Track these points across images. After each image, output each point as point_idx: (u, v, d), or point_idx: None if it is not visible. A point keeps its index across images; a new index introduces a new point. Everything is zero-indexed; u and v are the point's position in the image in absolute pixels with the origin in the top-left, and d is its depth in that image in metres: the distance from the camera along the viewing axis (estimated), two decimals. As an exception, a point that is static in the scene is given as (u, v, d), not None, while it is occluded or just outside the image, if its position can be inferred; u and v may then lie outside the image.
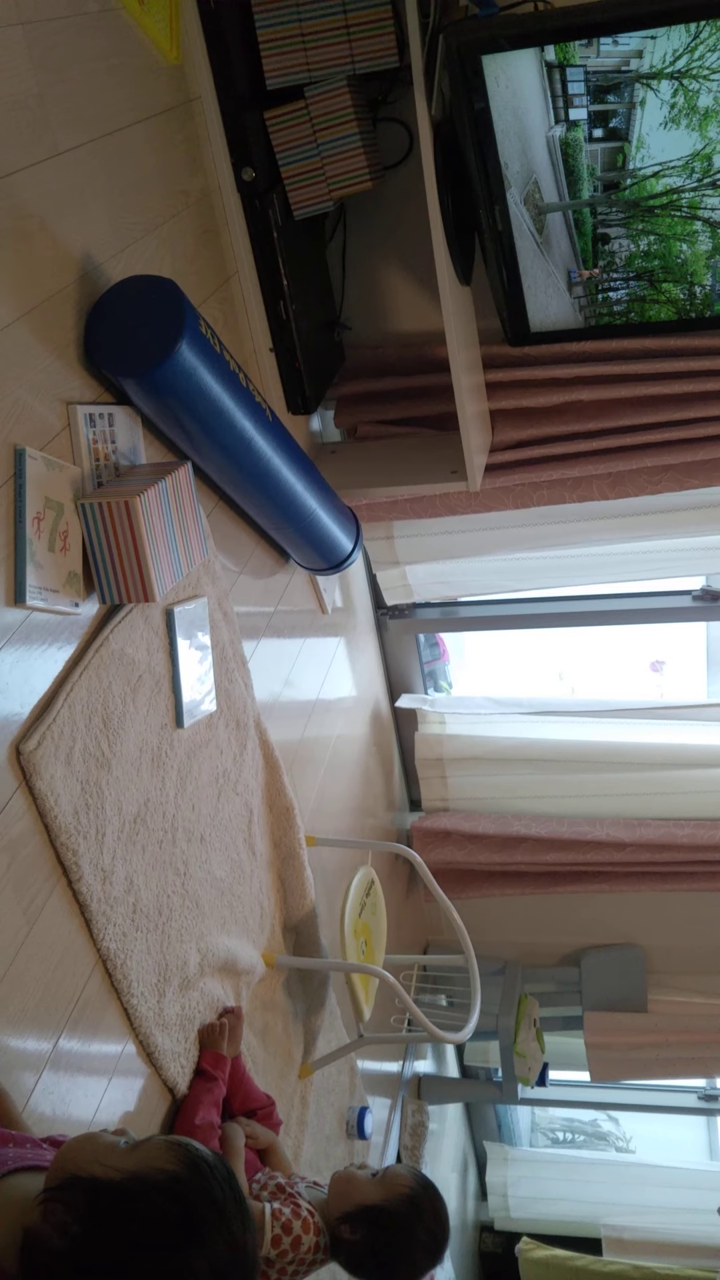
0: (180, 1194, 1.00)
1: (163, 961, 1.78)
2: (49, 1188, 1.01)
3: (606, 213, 2.14)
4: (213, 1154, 1.07)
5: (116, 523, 1.60)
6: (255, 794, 2.24)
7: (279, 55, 2.12)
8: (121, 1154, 1.03)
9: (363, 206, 2.50)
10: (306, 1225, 1.67)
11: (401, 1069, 3.50)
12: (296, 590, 2.64)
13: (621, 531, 2.88)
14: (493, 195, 2.10)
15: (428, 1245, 1.66)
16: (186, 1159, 1.03)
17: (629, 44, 1.88)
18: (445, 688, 3.67)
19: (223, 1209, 1.02)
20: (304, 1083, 2.41)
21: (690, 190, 2.07)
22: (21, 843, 1.47)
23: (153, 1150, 1.04)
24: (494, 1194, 4.33)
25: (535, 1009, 3.55)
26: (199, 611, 1.96)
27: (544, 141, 2.03)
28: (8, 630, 1.47)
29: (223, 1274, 0.99)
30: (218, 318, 2.19)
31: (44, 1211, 0.98)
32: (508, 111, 1.98)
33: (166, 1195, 1.00)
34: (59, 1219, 0.97)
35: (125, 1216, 0.98)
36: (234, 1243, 1.01)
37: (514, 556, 3.02)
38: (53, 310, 1.61)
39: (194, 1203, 1.00)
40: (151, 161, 1.93)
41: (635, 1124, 4.63)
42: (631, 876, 3.37)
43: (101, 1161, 1.01)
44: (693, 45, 1.86)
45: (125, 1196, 0.99)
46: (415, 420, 2.69)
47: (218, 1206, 1.02)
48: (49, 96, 1.60)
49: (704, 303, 2.25)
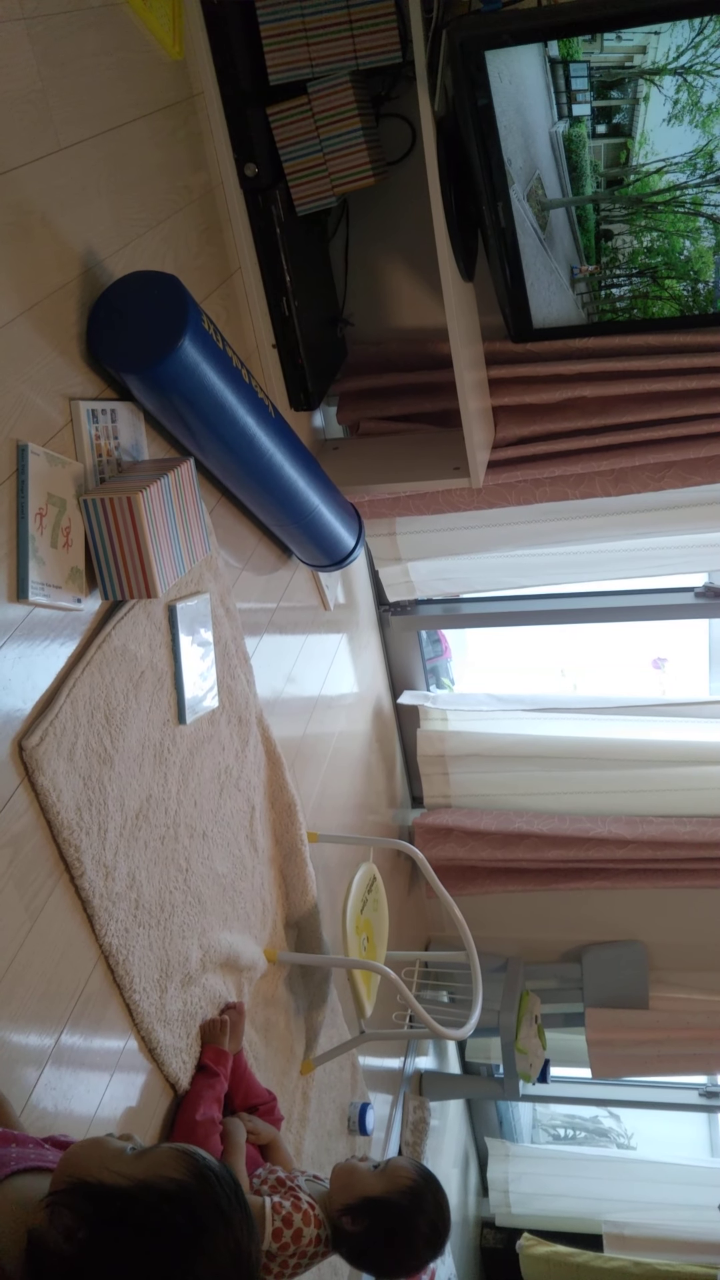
0: (188, 1203, 1.00)
1: (165, 957, 1.78)
2: (55, 1191, 1.01)
3: (609, 209, 2.13)
4: (219, 1164, 1.07)
5: (119, 519, 1.60)
6: (257, 790, 2.24)
7: (282, 50, 2.12)
8: (129, 1160, 1.03)
9: (365, 202, 2.49)
10: (307, 1218, 1.68)
11: (403, 1065, 3.51)
12: (299, 586, 2.64)
13: (624, 528, 2.87)
14: (496, 191, 2.10)
15: (429, 1237, 1.67)
16: (194, 1168, 1.03)
17: (632, 39, 1.88)
18: (447, 684, 3.67)
19: (229, 1218, 1.02)
20: (305, 1079, 2.41)
21: (693, 186, 2.06)
22: (24, 839, 1.47)
23: (160, 1158, 1.04)
24: (495, 1190, 4.34)
25: (537, 1005, 3.55)
26: (201, 607, 1.96)
27: (547, 137, 2.03)
28: (10, 626, 1.47)
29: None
30: (220, 313, 2.19)
31: (50, 1216, 0.98)
32: (511, 107, 1.98)
33: (174, 1204, 1.00)
34: (65, 1224, 0.97)
35: (132, 1224, 0.98)
36: (238, 1251, 1.02)
37: (516, 553, 3.02)
38: (55, 306, 1.61)
39: (201, 1212, 1.01)
40: (154, 157, 1.93)
41: (636, 1120, 4.64)
42: (633, 873, 3.37)
43: (109, 1168, 1.02)
44: (697, 41, 1.86)
45: (133, 1204, 0.99)
46: (418, 416, 2.69)
47: (224, 1216, 1.02)
48: (52, 92, 1.60)
49: (707, 299, 2.25)
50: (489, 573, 3.12)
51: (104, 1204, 0.98)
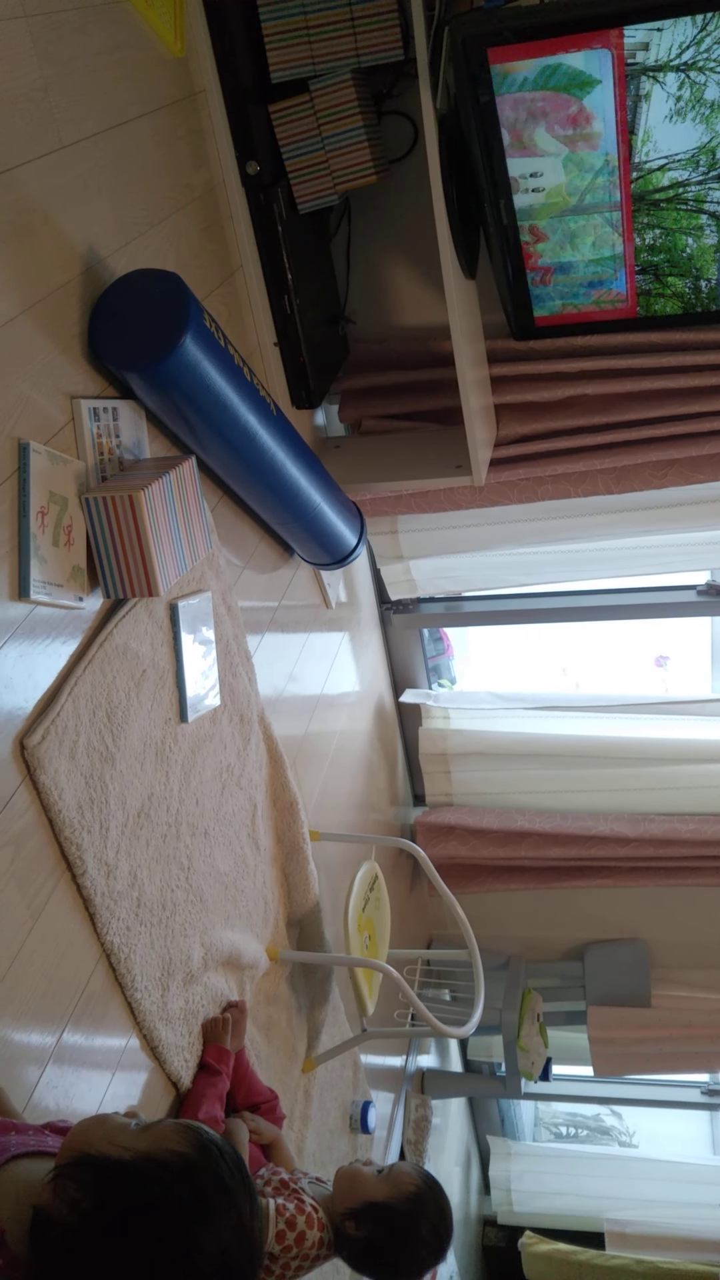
0: (190, 1175, 1.02)
1: (166, 956, 1.78)
2: (60, 1165, 1.02)
3: (612, 206, 2.13)
4: (222, 1138, 1.09)
5: (121, 517, 1.60)
6: (259, 789, 2.24)
7: (284, 48, 2.12)
8: (133, 1135, 1.05)
9: (367, 200, 2.49)
10: (310, 1221, 1.68)
11: (405, 1063, 3.51)
12: (300, 585, 2.64)
13: (626, 526, 2.87)
14: (498, 188, 2.09)
15: (432, 1243, 1.67)
16: (197, 1141, 1.05)
17: (635, 36, 1.87)
18: (449, 683, 3.67)
19: (231, 1191, 1.03)
20: (307, 1077, 2.42)
21: (696, 184, 2.06)
22: (25, 837, 1.47)
23: (164, 1132, 1.05)
24: (497, 1188, 4.34)
25: (539, 1004, 3.55)
26: (203, 606, 1.96)
27: (549, 135, 2.02)
28: (12, 624, 1.47)
29: (228, 1254, 1.01)
30: (222, 312, 2.19)
31: (55, 1188, 0.99)
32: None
33: (177, 1175, 1.01)
34: (70, 1195, 0.98)
35: (136, 1195, 0.99)
36: (241, 1224, 1.03)
37: (518, 551, 3.02)
38: (57, 304, 1.60)
39: (203, 1184, 1.02)
40: (156, 155, 1.93)
41: (638, 1119, 4.64)
42: (635, 871, 3.37)
43: (113, 1141, 1.03)
44: (700, 38, 1.85)
45: (136, 1175, 1.00)
46: (420, 415, 2.69)
47: (226, 1189, 1.03)
48: (53, 90, 1.60)
49: (709, 297, 2.25)
50: (491, 571, 3.11)
51: (108, 1175, 1.00)
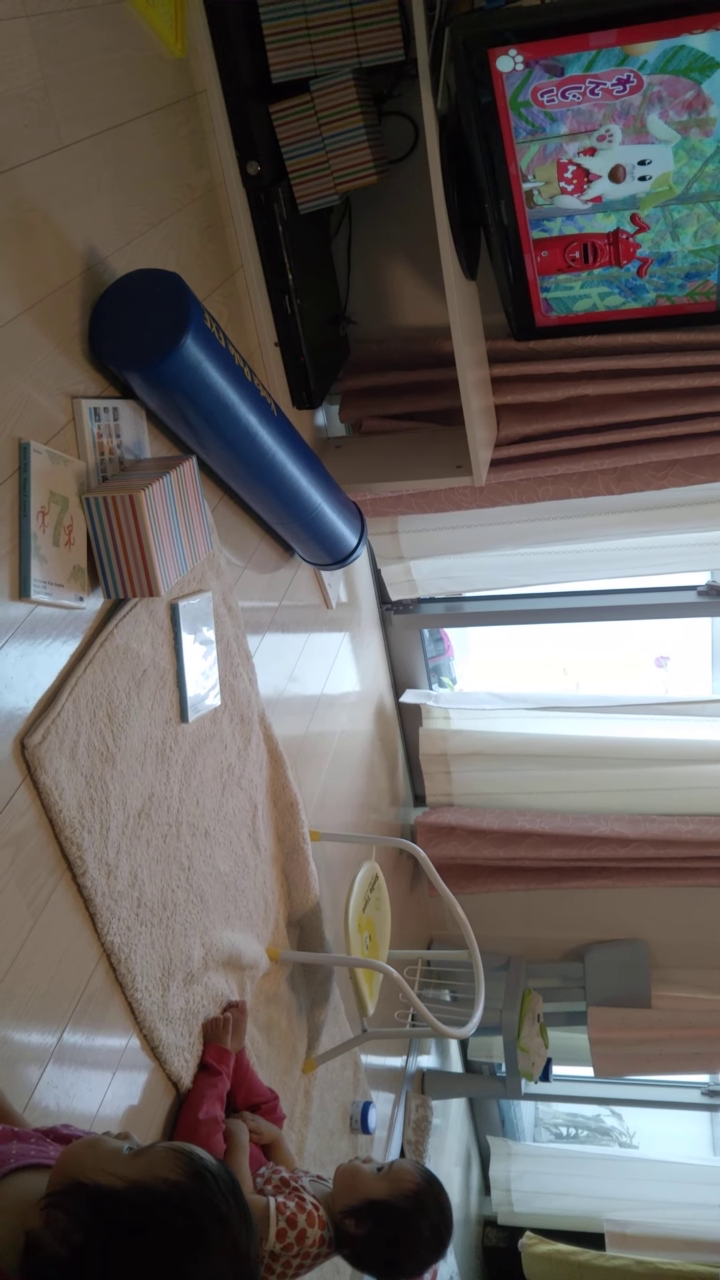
0: (184, 1205, 1.00)
1: (167, 956, 1.78)
2: (51, 1193, 1.01)
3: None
4: (216, 1163, 1.07)
5: (121, 517, 1.60)
6: (259, 789, 2.24)
7: (284, 48, 2.12)
8: (125, 1161, 1.03)
9: (368, 200, 2.49)
10: (311, 1219, 1.68)
11: (405, 1064, 3.51)
12: (301, 585, 2.64)
13: (626, 527, 2.87)
14: (498, 189, 2.09)
15: (431, 1240, 1.67)
16: (190, 1168, 1.03)
17: (636, 37, 1.87)
18: (449, 683, 3.67)
19: (226, 1219, 1.02)
20: (307, 1077, 2.41)
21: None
22: (26, 837, 1.47)
23: (157, 1158, 1.03)
24: (497, 1189, 4.34)
25: (539, 1004, 3.55)
26: (203, 606, 1.96)
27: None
28: (12, 624, 1.47)
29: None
30: (222, 312, 2.19)
31: (46, 1218, 0.98)
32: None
33: (170, 1206, 0.99)
34: (61, 1227, 0.97)
35: (128, 1227, 0.98)
36: (236, 1251, 1.01)
37: (519, 552, 3.02)
38: (57, 304, 1.60)
39: (198, 1213, 1.00)
40: (156, 155, 1.93)
41: (638, 1119, 4.64)
42: (635, 872, 3.37)
43: (105, 1169, 1.01)
44: (700, 38, 1.85)
45: (128, 1206, 0.99)
46: (420, 415, 2.69)
47: (221, 1217, 1.01)
48: (54, 89, 1.60)
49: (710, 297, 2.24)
50: (491, 571, 3.11)
51: (99, 1207, 0.98)
